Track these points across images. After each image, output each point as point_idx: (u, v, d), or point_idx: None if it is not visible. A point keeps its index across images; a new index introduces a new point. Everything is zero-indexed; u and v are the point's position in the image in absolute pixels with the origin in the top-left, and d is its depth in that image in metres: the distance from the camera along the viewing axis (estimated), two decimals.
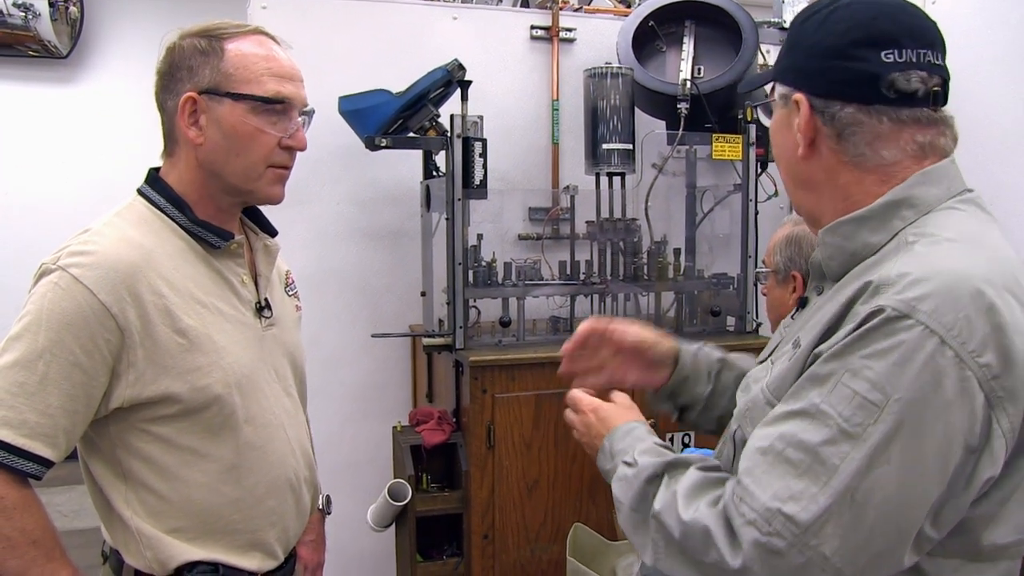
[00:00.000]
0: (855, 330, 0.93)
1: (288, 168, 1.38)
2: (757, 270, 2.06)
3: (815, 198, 1.10)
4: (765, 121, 1.22)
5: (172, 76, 1.32)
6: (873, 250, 1.03)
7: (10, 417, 1.15)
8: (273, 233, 1.50)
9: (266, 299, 1.43)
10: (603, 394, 1.35)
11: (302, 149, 1.37)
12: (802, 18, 1.10)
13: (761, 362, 1.22)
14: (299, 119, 1.36)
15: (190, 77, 1.30)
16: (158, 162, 1.40)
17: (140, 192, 1.36)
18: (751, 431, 1.05)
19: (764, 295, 2.13)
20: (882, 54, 1.01)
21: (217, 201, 1.36)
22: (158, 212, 1.33)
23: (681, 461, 1.10)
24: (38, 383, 1.17)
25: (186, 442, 1.28)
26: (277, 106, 1.32)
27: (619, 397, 1.34)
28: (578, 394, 1.34)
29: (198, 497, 1.29)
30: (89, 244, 1.23)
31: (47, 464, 1.19)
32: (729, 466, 1.14)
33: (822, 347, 0.97)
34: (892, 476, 0.90)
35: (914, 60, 1.01)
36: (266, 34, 1.35)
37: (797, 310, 1.20)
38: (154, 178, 1.36)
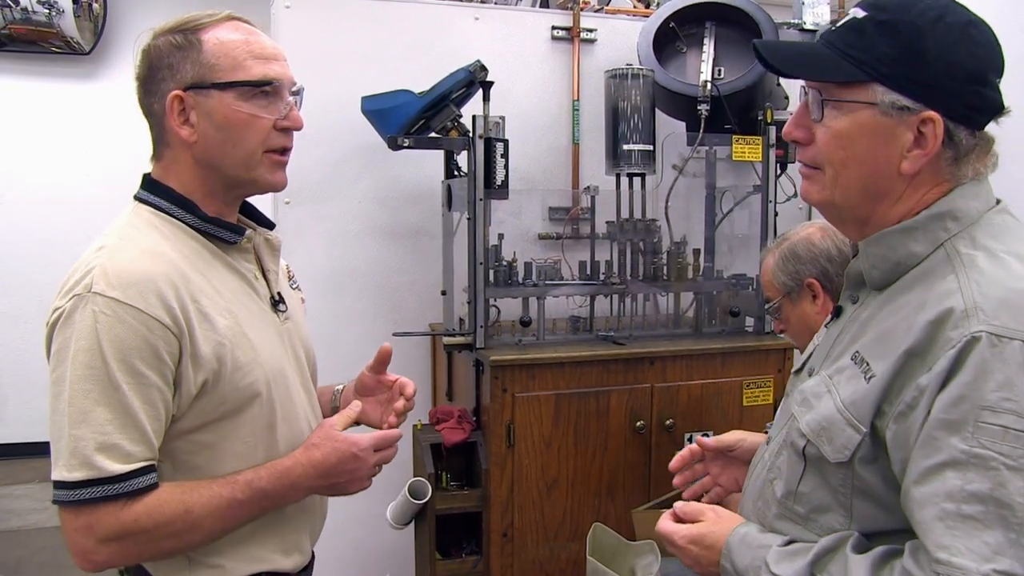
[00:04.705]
0: (959, 360, 0.93)
1: (288, 150, 1.32)
2: (765, 307, 1.98)
3: (877, 207, 1.08)
4: (816, 115, 1.12)
5: (153, 78, 1.27)
6: (918, 260, 1.04)
7: (117, 449, 1.14)
8: (271, 226, 1.45)
9: (279, 293, 1.41)
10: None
11: (299, 128, 1.32)
12: (925, 21, 1.00)
13: (798, 371, 1.20)
14: (290, 99, 1.31)
15: (172, 76, 1.25)
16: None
17: (140, 199, 1.30)
18: (829, 450, 1.04)
19: (781, 332, 2.03)
20: (999, 83, 1.03)
21: (221, 197, 1.32)
22: (165, 216, 1.28)
23: (823, 551, 1.03)
24: (124, 413, 1.15)
25: (230, 447, 1.26)
26: (267, 88, 1.26)
27: (697, 510, 1.23)
28: (667, 529, 1.22)
29: None
30: (114, 262, 1.18)
31: (154, 469, 1.19)
32: (795, 482, 1.11)
33: (923, 380, 0.95)
34: None
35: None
36: (240, 19, 1.30)
37: (832, 319, 1.18)
38: (151, 182, 1.31)
